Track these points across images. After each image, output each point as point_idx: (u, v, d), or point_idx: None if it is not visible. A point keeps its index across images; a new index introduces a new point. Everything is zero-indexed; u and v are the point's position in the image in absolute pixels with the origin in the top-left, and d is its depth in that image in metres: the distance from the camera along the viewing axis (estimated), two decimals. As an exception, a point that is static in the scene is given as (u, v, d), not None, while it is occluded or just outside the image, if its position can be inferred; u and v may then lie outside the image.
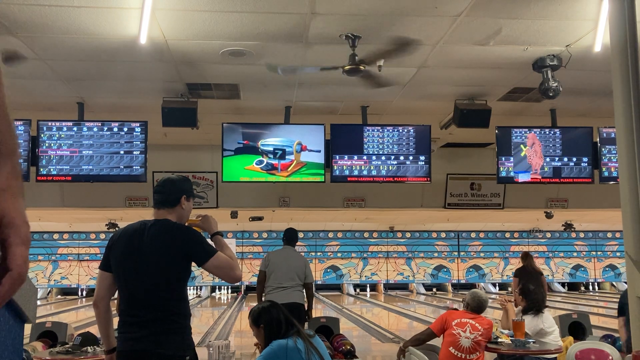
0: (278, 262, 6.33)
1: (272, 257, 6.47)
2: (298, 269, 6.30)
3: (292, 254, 6.52)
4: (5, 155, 0.93)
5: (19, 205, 0.93)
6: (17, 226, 0.90)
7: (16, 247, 0.89)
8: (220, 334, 10.44)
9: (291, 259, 6.41)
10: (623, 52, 3.60)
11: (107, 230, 15.40)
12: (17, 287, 0.90)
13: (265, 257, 6.58)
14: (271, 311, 3.17)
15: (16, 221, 0.91)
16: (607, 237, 21.41)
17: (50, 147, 6.44)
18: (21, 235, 0.91)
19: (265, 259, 6.49)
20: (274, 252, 6.74)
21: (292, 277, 6.23)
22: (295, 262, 6.37)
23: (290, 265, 6.30)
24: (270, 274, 6.27)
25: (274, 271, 6.26)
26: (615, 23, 3.70)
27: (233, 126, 6.70)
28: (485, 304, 4.79)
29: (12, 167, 0.94)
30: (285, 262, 6.32)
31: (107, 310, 2.91)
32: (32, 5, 4.18)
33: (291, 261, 6.36)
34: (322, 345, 3.14)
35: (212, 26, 4.59)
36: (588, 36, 4.85)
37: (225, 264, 2.80)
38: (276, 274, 6.24)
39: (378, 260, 21.06)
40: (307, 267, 6.42)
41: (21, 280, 0.89)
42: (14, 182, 0.93)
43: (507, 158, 6.87)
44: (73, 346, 4.57)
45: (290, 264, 6.31)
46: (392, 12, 4.40)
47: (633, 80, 3.53)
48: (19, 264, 0.89)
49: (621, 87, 3.59)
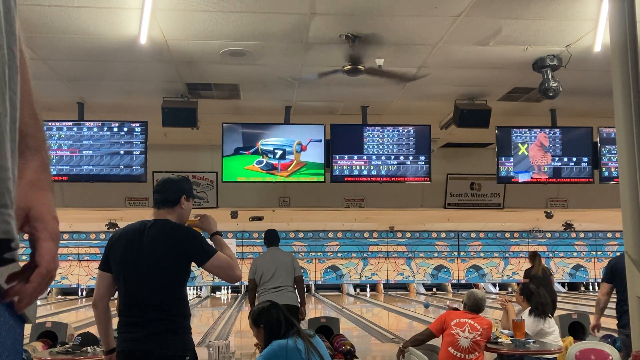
0: (266, 265, 6.18)
1: (258, 262, 6.31)
2: (287, 266, 6.16)
3: (278, 253, 6.37)
4: (34, 149, 0.90)
5: (48, 199, 0.89)
6: (45, 221, 0.87)
7: (45, 243, 0.86)
8: (220, 334, 10.44)
9: (278, 258, 6.26)
10: (623, 52, 3.60)
11: (107, 230, 15.40)
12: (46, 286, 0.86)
13: (252, 264, 6.39)
14: (271, 311, 3.17)
15: (45, 216, 0.87)
16: (607, 237, 21.41)
17: (50, 147, 6.44)
18: (50, 230, 0.87)
19: (252, 266, 6.31)
20: (260, 256, 6.64)
21: (282, 277, 6.09)
22: (282, 259, 6.23)
23: (279, 265, 6.15)
24: (260, 278, 6.13)
25: (263, 274, 6.12)
26: (615, 23, 3.70)
27: (233, 126, 6.70)
28: (483, 304, 4.78)
29: (41, 161, 0.91)
30: (272, 264, 6.16)
31: (106, 311, 2.91)
32: (32, 5, 4.18)
33: (278, 260, 6.21)
34: (322, 345, 3.14)
35: (212, 26, 4.59)
36: (588, 36, 4.85)
37: (225, 264, 2.80)
38: (266, 277, 6.10)
39: (378, 260, 21.07)
40: (294, 260, 6.31)
41: (50, 278, 0.85)
42: (43, 176, 0.90)
43: (507, 158, 6.88)
44: (73, 346, 4.57)
45: (278, 263, 6.17)
46: (392, 12, 4.40)
47: (633, 80, 3.53)
48: (47, 260, 0.85)
49: (621, 87, 3.59)
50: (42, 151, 0.92)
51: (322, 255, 20.81)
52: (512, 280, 21.05)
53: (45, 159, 0.92)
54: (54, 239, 0.87)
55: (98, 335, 4.52)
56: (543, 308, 5.08)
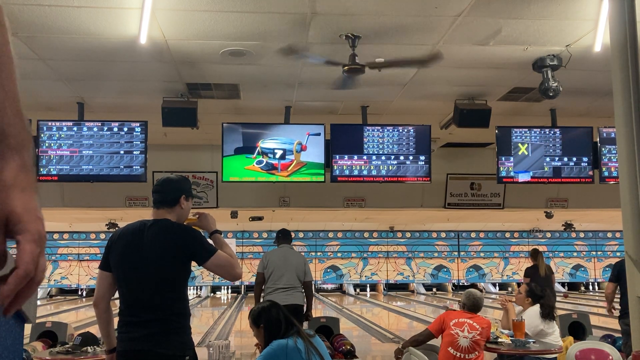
0: (277, 262, 6.17)
1: (270, 257, 6.29)
2: (298, 268, 6.16)
3: (291, 253, 6.37)
4: (14, 149, 0.88)
5: (29, 200, 0.87)
6: (26, 222, 0.85)
7: (26, 244, 0.84)
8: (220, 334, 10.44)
9: (290, 258, 6.26)
10: (623, 52, 3.60)
11: (107, 230, 15.39)
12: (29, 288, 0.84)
13: (262, 258, 6.38)
14: (271, 311, 3.17)
15: (24, 217, 0.85)
16: (607, 237, 21.41)
17: (50, 147, 6.44)
18: (32, 232, 0.85)
19: (263, 260, 6.30)
20: (272, 251, 6.53)
21: (292, 277, 6.09)
22: (295, 260, 6.24)
23: (290, 265, 6.15)
24: (269, 274, 6.11)
25: (273, 272, 6.10)
26: (615, 23, 3.70)
27: (233, 126, 6.70)
28: (481, 303, 4.78)
29: (22, 162, 0.89)
30: (284, 262, 6.16)
31: (107, 310, 2.91)
32: (32, 5, 4.18)
33: (290, 260, 6.21)
34: (322, 345, 3.14)
35: (212, 26, 4.59)
36: (588, 36, 4.85)
37: (225, 262, 2.80)
38: (275, 275, 6.09)
39: (378, 260, 21.06)
40: (306, 265, 6.29)
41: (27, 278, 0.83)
42: (24, 177, 0.88)
43: (507, 158, 6.88)
44: (73, 346, 4.57)
45: (289, 263, 6.17)
46: (392, 12, 4.40)
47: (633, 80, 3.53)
48: (26, 262, 0.82)
49: (621, 87, 3.59)
50: (24, 150, 0.90)
51: (322, 255, 20.80)
52: (512, 280, 21.05)
53: (27, 158, 0.90)
54: (37, 240, 0.85)
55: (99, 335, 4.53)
56: (550, 310, 5.10)
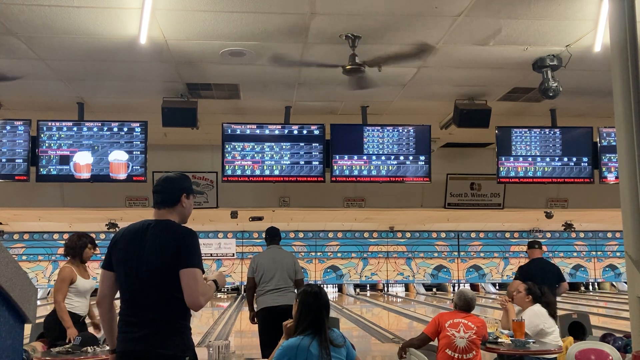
0: (266, 264, 6.06)
1: (259, 260, 6.19)
2: (288, 267, 6.06)
3: (279, 253, 6.24)
4: None
5: None
6: None
7: None
8: (220, 334, 10.44)
9: (279, 258, 6.15)
10: (623, 52, 3.60)
11: (107, 230, 15.39)
12: None
13: (251, 262, 6.26)
14: (318, 296, 3.25)
15: None
16: (607, 237, 21.41)
17: (50, 147, 6.44)
18: None
19: (252, 264, 6.18)
20: (260, 254, 6.45)
21: (283, 278, 5.99)
22: (284, 260, 6.13)
23: (280, 265, 6.04)
24: (260, 277, 6.02)
25: (263, 274, 6.01)
26: (615, 23, 3.70)
27: (233, 126, 6.70)
28: (473, 302, 4.76)
29: None
30: (273, 263, 6.06)
31: (110, 309, 2.91)
32: (32, 6, 4.19)
33: (279, 260, 6.10)
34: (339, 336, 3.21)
35: (212, 26, 4.59)
36: (588, 36, 4.85)
37: (198, 284, 2.71)
38: (266, 277, 6.00)
39: (378, 260, 21.06)
40: (296, 263, 6.19)
41: None
42: None
43: (507, 158, 6.88)
44: (73, 346, 4.57)
45: (279, 263, 6.06)
46: (392, 12, 4.40)
47: (633, 80, 3.53)
48: None
49: (621, 87, 3.59)
50: None
51: (322, 255, 20.80)
52: (512, 280, 21.03)
53: None
54: None
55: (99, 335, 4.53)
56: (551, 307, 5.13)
